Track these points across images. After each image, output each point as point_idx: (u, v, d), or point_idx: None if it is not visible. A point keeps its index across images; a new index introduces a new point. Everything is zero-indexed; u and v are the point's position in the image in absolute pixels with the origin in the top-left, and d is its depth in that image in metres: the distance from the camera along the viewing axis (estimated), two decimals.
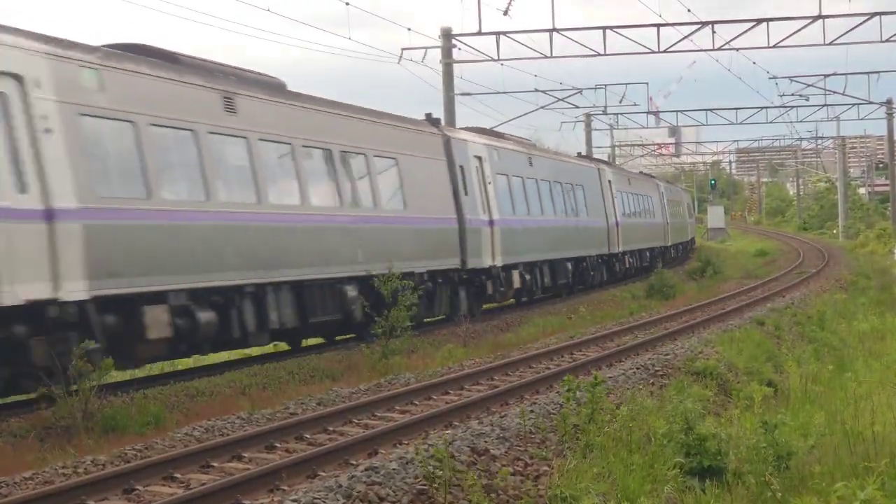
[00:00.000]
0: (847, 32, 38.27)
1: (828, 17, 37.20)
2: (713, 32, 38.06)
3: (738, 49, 39.54)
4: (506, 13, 37.01)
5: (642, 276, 44.02)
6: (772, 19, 37.77)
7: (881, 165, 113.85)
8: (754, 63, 52.34)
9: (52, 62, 14.90)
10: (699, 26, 37.86)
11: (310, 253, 20.10)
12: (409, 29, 41.15)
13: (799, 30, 37.69)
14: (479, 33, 37.36)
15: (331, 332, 22.64)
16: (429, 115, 28.01)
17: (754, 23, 37.87)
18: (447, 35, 38.19)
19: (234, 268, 17.80)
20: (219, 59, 19.75)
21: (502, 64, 39.44)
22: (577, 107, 54.96)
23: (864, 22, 38.13)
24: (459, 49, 38.26)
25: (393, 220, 23.33)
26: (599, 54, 38.65)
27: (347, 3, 31.29)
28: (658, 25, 37.69)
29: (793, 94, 57.01)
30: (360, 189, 22.26)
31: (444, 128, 27.85)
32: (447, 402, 14.49)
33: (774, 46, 38.12)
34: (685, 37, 38.21)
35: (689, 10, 40.01)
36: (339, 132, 21.86)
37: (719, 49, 38.50)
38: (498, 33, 37.63)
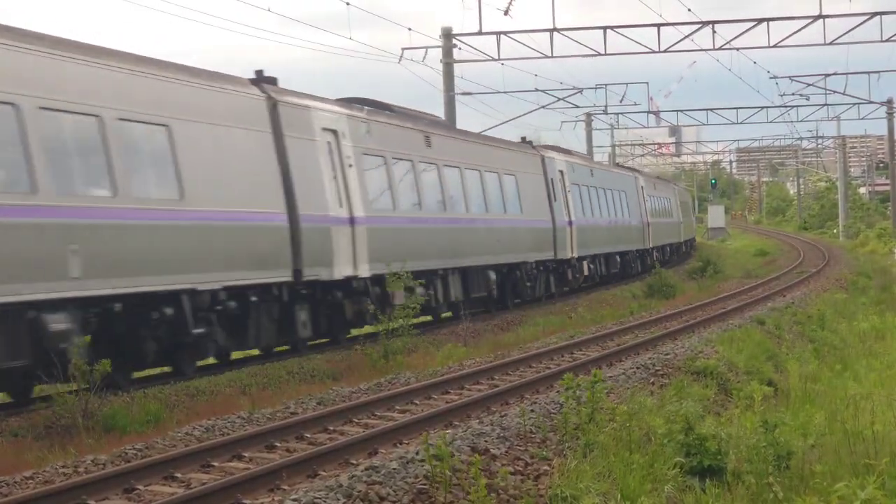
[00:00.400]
0: (847, 32, 38.30)
1: (828, 16, 37.22)
2: (713, 32, 38.09)
3: (738, 49, 39.60)
4: (506, 13, 37.03)
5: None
6: (772, 19, 37.81)
7: (881, 165, 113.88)
8: (755, 63, 52.59)
9: (350, 121, 22.32)
10: (699, 26, 37.87)
11: (471, 246, 27.41)
12: (410, 29, 41.13)
13: (799, 29, 37.72)
14: (480, 33, 37.38)
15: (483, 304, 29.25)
16: (524, 139, 36.07)
17: (755, 22, 37.89)
18: (448, 35, 38.20)
19: (434, 256, 25.11)
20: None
21: (503, 64, 39.50)
22: (578, 106, 54.98)
23: (865, 22, 38.15)
24: (460, 49, 38.30)
25: (515, 223, 30.81)
26: (600, 54, 38.67)
27: (348, 4, 31.31)
28: (658, 25, 37.71)
29: (793, 94, 57.01)
30: (494, 199, 29.61)
31: (539, 148, 34.93)
32: (447, 402, 14.50)
33: (775, 46, 38.14)
34: (686, 36, 38.23)
35: (689, 10, 40.06)
36: (480, 155, 29.39)
37: (720, 49, 38.54)
38: (498, 33, 37.65)
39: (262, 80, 20.20)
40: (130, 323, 15.81)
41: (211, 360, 18.95)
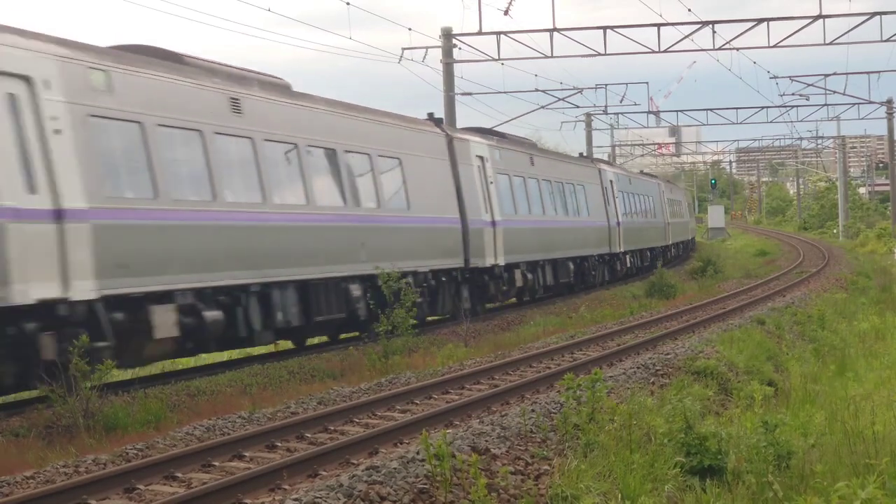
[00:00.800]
0: (847, 32, 38.31)
1: (828, 16, 37.22)
2: (713, 32, 38.09)
3: (738, 49, 39.59)
4: (506, 13, 37.03)
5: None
6: (772, 19, 37.80)
7: (881, 165, 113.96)
8: (755, 63, 52.60)
9: (490, 149, 29.77)
10: (699, 26, 37.88)
11: (560, 242, 34.33)
12: (410, 29, 41.09)
13: (799, 29, 37.72)
14: (480, 33, 37.39)
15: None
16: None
17: (755, 22, 37.89)
18: (448, 35, 38.21)
19: (538, 251, 32.10)
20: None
21: (503, 64, 39.49)
22: (578, 106, 55.01)
23: (865, 22, 38.15)
24: (460, 49, 38.31)
25: (586, 223, 36.55)
26: (600, 54, 38.69)
27: (348, 4, 31.32)
28: (658, 25, 37.70)
29: (793, 94, 57.04)
30: (572, 205, 35.30)
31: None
32: (448, 402, 14.51)
33: (775, 46, 38.14)
34: (686, 36, 38.22)
35: (689, 10, 40.05)
36: (561, 169, 35.49)
37: (720, 49, 38.54)
38: (498, 33, 37.66)
39: (435, 121, 28.17)
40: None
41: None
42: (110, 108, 15.80)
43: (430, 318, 26.48)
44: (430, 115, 28.99)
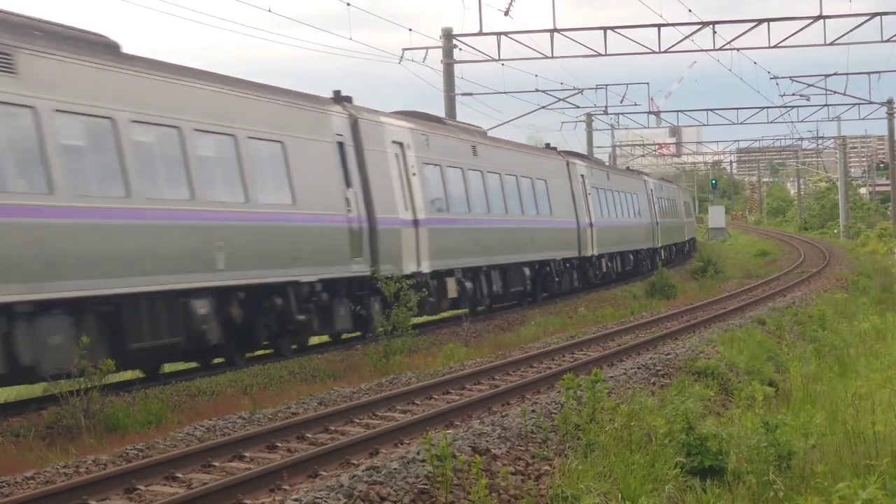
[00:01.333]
0: (848, 32, 38.32)
1: (829, 17, 37.22)
2: (714, 33, 38.11)
3: (738, 49, 39.60)
4: (507, 13, 37.05)
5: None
6: (773, 19, 37.79)
7: (882, 165, 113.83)
8: (755, 63, 52.42)
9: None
10: (700, 26, 37.87)
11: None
12: (411, 29, 41.05)
13: (800, 30, 37.72)
14: (480, 33, 37.40)
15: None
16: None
17: (755, 23, 37.89)
18: (448, 35, 38.21)
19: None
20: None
21: (503, 64, 39.50)
22: (578, 107, 55.04)
23: (865, 22, 38.16)
24: (460, 49, 38.32)
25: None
26: (600, 54, 38.68)
27: (348, 4, 31.31)
28: (659, 26, 37.70)
29: (794, 94, 57.06)
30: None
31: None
32: (448, 402, 14.50)
33: (775, 46, 38.13)
34: (686, 37, 38.24)
35: (689, 11, 40.01)
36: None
37: (720, 49, 38.55)
38: (499, 34, 37.68)
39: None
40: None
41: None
42: (431, 158, 25.67)
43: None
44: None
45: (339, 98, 23.06)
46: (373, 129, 23.38)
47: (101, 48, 16.47)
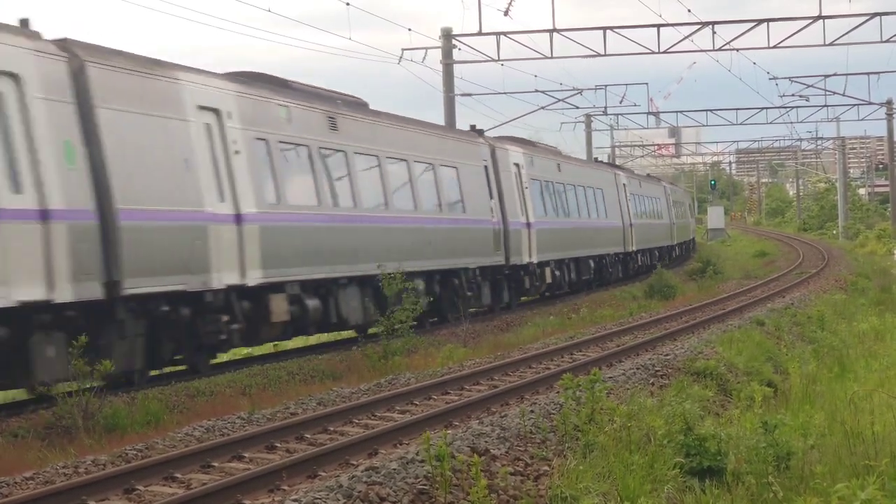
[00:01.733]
0: (847, 33, 38.29)
1: (828, 17, 37.20)
2: (713, 33, 38.09)
3: (738, 49, 39.57)
4: (506, 14, 37.05)
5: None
6: (772, 20, 37.77)
7: (881, 166, 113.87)
8: (754, 63, 52.59)
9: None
10: (699, 27, 37.86)
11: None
12: (410, 29, 41.18)
13: (799, 30, 37.70)
14: (480, 34, 37.39)
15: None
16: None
17: (755, 23, 37.88)
18: (447, 35, 38.21)
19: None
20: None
21: (502, 64, 39.50)
22: (578, 107, 55.01)
23: (865, 22, 38.14)
24: (460, 49, 38.30)
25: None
26: (600, 55, 38.66)
27: (348, 4, 31.32)
28: (658, 26, 37.69)
29: (793, 95, 57.04)
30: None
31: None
32: (447, 403, 14.51)
33: (775, 47, 38.13)
34: (685, 37, 38.22)
35: (689, 11, 40.02)
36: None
37: (719, 49, 38.52)
38: (498, 34, 37.66)
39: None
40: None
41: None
42: (535, 175, 32.10)
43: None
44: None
45: (478, 131, 30.47)
46: (502, 155, 30.22)
47: (360, 106, 23.94)
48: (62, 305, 14.45)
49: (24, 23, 15.75)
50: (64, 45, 15.63)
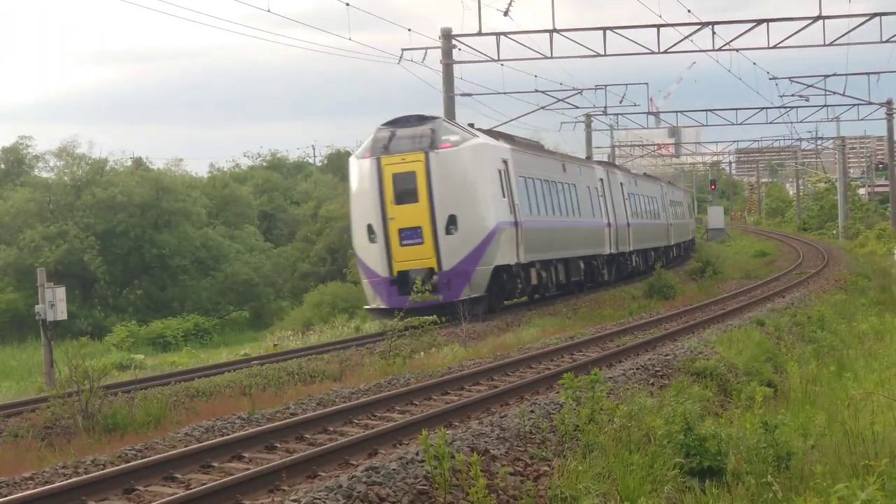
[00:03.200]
0: (847, 33, 38.30)
1: (828, 17, 37.21)
2: (713, 33, 38.08)
3: (738, 50, 39.57)
4: (506, 14, 37.05)
5: None
6: (772, 20, 37.77)
7: (881, 166, 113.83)
8: (754, 64, 52.47)
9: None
10: (699, 27, 37.86)
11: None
12: (410, 30, 41.09)
13: (799, 30, 37.70)
14: (480, 34, 37.39)
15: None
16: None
17: (754, 23, 37.88)
18: (447, 36, 38.20)
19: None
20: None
21: (502, 64, 39.52)
22: (578, 107, 54.84)
23: (865, 23, 38.14)
24: (460, 49, 38.30)
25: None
26: (599, 55, 38.66)
27: (348, 4, 31.31)
28: (658, 26, 37.68)
29: (793, 95, 57.01)
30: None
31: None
32: (447, 403, 14.50)
33: (774, 47, 38.13)
34: (685, 37, 38.21)
35: (689, 11, 39.87)
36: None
37: (719, 50, 38.52)
38: (498, 34, 37.66)
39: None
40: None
41: None
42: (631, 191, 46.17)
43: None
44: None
45: (591, 159, 44.64)
46: (610, 175, 42.76)
47: (612, 166, 41.46)
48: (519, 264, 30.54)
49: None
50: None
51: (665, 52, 38.57)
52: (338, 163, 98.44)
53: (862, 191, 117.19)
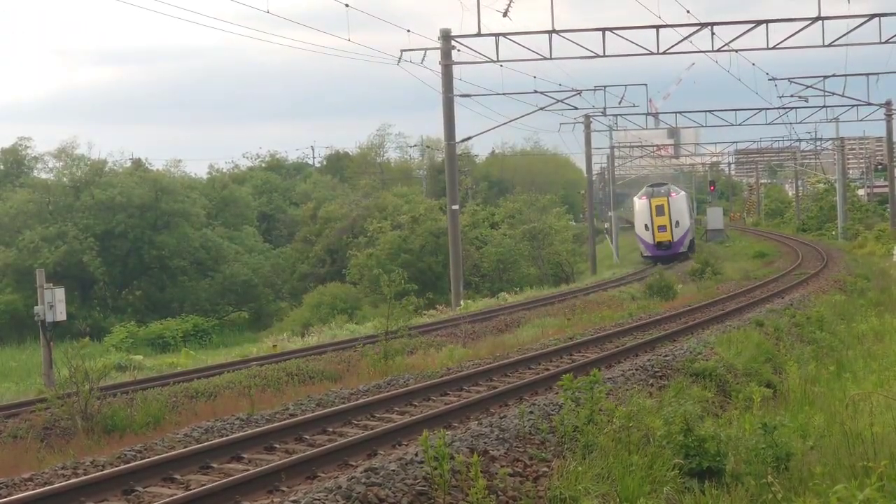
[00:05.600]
0: (846, 34, 38.27)
1: (827, 18, 37.19)
2: (712, 34, 38.03)
3: (737, 50, 39.52)
4: (505, 15, 37.01)
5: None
6: (771, 21, 37.75)
7: (880, 167, 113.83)
8: (753, 64, 52.49)
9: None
10: (698, 28, 37.84)
11: None
12: (409, 31, 41.15)
13: (798, 31, 37.67)
14: (479, 35, 37.34)
15: None
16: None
17: (754, 24, 37.86)
18: (446, 36, 38.21)
19: None
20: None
21: (501, 65, 39.45)
22: (577, 108, 54.78)
23: (864, 23, 38.11)
24: (459, 50, 38.30)
25: None
26: (599, 56, 38.63)
27: (347, 5, 31.31)
28: (657, 27, 37.65)
29: (792, 96, 56.94)
30: None
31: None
32: (446, 404, 14.50)
33: (774, 48, 38.12)
34: (684, 38, 38.18)
35: (688, 12, 39.91)
36: None
37: (718, 50, 38.48)
38: (497, 35, 37.61)
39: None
40: None
41: None
42: None
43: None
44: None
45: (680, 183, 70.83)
46: (687, 192, 63.91)
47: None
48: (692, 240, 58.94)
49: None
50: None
51: (664, 52, 38.53)
52: (337, 163, 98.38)
53: (861, 192, 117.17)
